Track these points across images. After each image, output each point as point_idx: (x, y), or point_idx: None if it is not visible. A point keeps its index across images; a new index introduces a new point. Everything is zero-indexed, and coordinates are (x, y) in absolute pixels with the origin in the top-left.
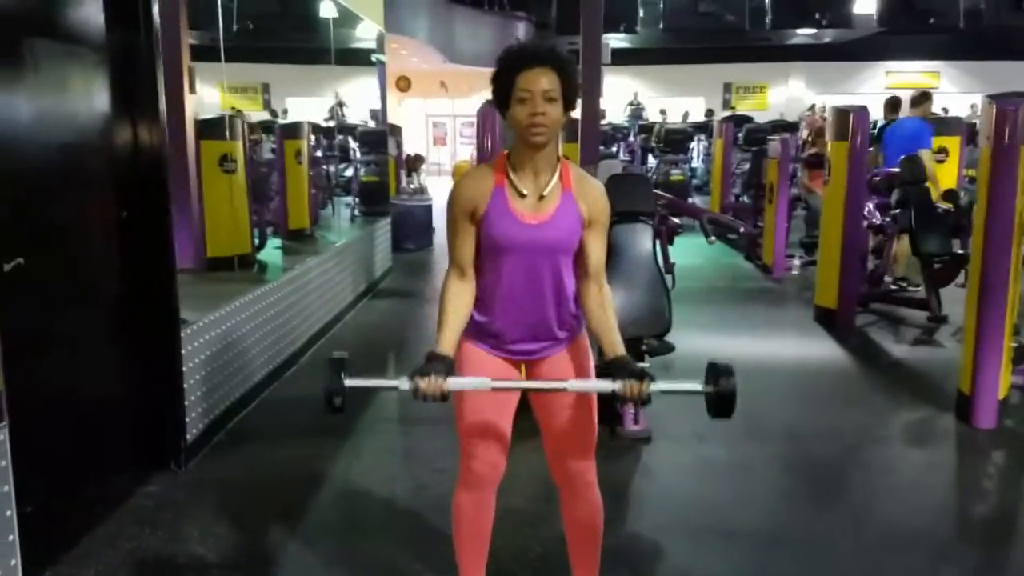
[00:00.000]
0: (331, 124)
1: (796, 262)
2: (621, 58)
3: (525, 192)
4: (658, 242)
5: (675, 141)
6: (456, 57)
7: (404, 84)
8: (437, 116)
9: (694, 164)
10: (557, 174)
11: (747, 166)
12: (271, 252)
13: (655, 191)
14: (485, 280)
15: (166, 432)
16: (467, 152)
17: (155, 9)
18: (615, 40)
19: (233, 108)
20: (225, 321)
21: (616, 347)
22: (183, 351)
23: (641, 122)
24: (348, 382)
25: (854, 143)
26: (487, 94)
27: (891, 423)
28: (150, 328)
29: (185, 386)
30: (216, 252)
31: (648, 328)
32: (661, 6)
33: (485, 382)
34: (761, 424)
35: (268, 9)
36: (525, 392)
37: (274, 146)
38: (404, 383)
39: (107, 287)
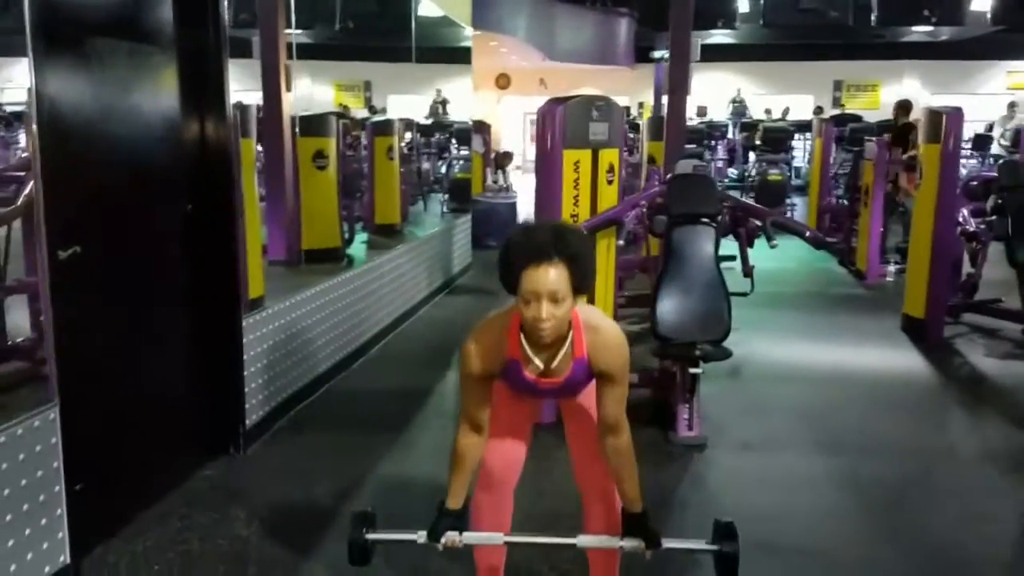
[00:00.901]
0: (429, 121)
1: (891, 268)
2: (724, 54)
3: (539, 364)
4: (737, 244)
5: (774, 139)
6: (556, 54)
7: (504, 81)
8: (535, 114)
9: (797, 163)
10: (569, 341)
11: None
12: (359, 246)
13: (723, 192)
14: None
15: (227, 417)
16: None
17: (223, 11)
18: (719, 36)
19: (342, 105)
20: (291, 311)
21: (632, 504)
22: (245, 340)
23: (744, 120)
24: (371, 535)
25: (946, 145)
26: (586, 91)
27: (967, 442)
28: (213, 317)
29: (246, 373)
30: (310, 245)
31: (703, 333)
32: (761, 2)
33: (499, 537)
34: (827, 436)
35: (368, 9)
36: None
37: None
38: (421, 537)
39: (172, 276)
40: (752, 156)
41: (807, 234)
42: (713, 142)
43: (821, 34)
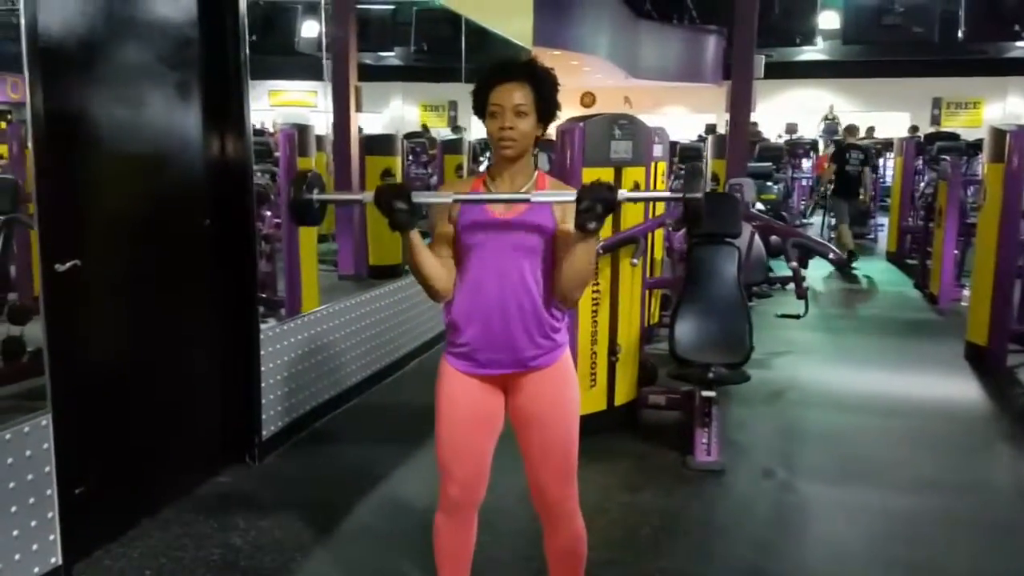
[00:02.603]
0: None
1: (966, 292)
2: (814, 71)
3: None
4: (792, 265)
5: None
6: (639, 72)
7: (589, 100)
8: None
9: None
10: (532, 181)
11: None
12: None
13: (752, 211)
14: (458, 297)
15: (242, 427)
16: None
17: (244, 36)
18: (810, 52)
19: (423, 125)
20: (314, 326)
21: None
22: (265, 351)
23: (836, 137)
24: (315, 196)
25: (1011, 165)
26: (672, 109)
27: (1008, 478)
28: (230, 328)
29: (264, 385)
30: (376, 260)
31: (721, 355)
32: (841, 18)
33: (448, 196)
34: (859, 466)
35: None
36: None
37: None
38: (367, 196)
39: (189, 288)
40: None
41: (830, 256)
42: (796, 160)
43: (921, 50)
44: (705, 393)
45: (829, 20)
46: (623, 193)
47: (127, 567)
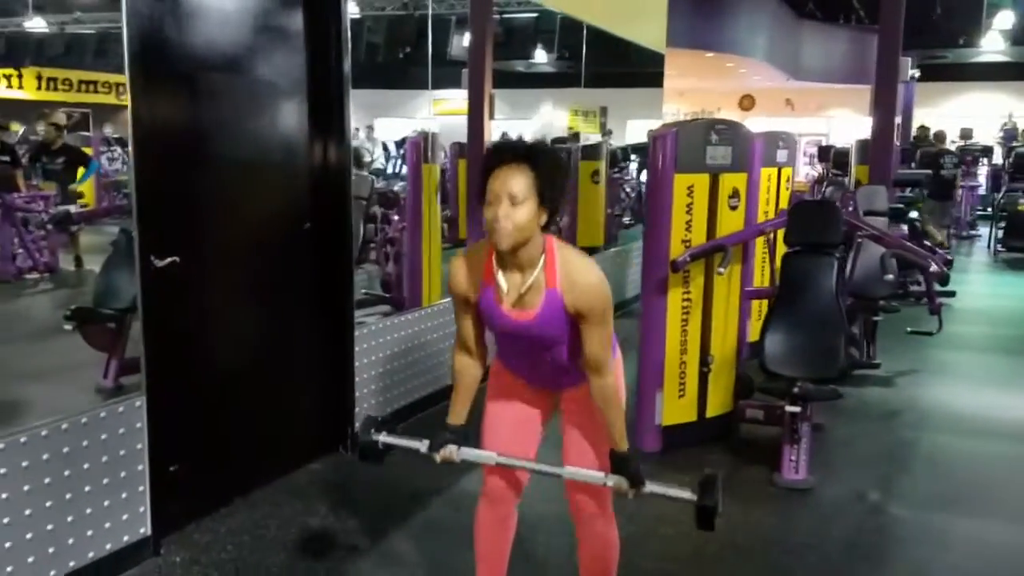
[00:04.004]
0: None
1: None
2: (990, 73)
3: (506, 290)
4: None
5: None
6: (801, 74)
7: (748, 103)
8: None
9: None
10: (539, 269)
11: None
12: None
13: (857, 219)
14: (499, 349)
15: (337, 419)
16: (805, 173)
17: (346, 51)
18: (989, 54)
19: (570, 130)
20: (412, 325)
21: (617, 443)
22: (360, 347)
23: (1015, 144)
24: (381, 438)
25: None
26: (837, 111)
27: None
28: (327, 323)
29: (359, 379)
30: None
31: (809, 370)
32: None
33: (492, 457)
34: (967, 494)
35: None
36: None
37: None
38: (424, 446)
39: (289, 285)
40: None
41: (932, 268)
42: (966, 167)
43: None
44: (790, 408)
45: (1004, 20)
46: (648, 486)
47: (213, 541)
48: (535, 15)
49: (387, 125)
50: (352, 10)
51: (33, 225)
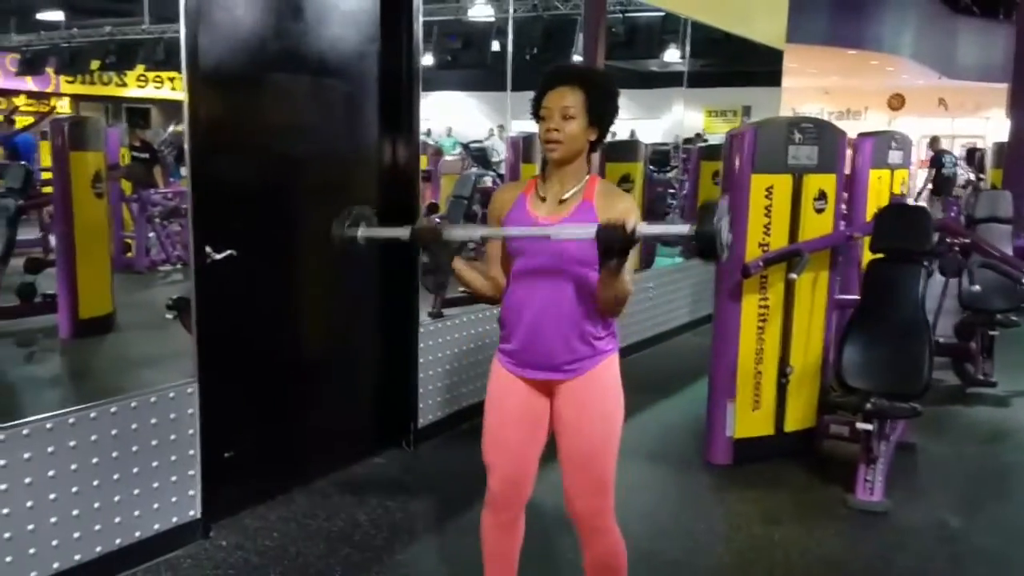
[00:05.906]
0: None
1: None
2: None
3: (545, 196)
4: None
5: None
6: (956, 72)
7: (897, 102)
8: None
9: None
10: (581, 184)
11: None
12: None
13: (956, 226)
14: (507, 295)
15: (400, 414)
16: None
17: (416, 48)
18: None
19: (700, 133)
20: (475, 325)
21: None
22: (423, 345)
23: None
24: (360, 233)
25: None
26: (995, 112)
27: None
28: (392, 320)
29: (422, 376)
30: None
31: (889, 386)
32: None
33: (476, 229)
34: None
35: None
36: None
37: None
38: (405, 233)
39: (354, 282)
40: None
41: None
42: None
43: None
44: (861, 425)
45: None
46: (643, 227)
47: (261, 527)
48: (662, 14)
49: (521, 127)
50: (487, 12)
51: (170, 219)
